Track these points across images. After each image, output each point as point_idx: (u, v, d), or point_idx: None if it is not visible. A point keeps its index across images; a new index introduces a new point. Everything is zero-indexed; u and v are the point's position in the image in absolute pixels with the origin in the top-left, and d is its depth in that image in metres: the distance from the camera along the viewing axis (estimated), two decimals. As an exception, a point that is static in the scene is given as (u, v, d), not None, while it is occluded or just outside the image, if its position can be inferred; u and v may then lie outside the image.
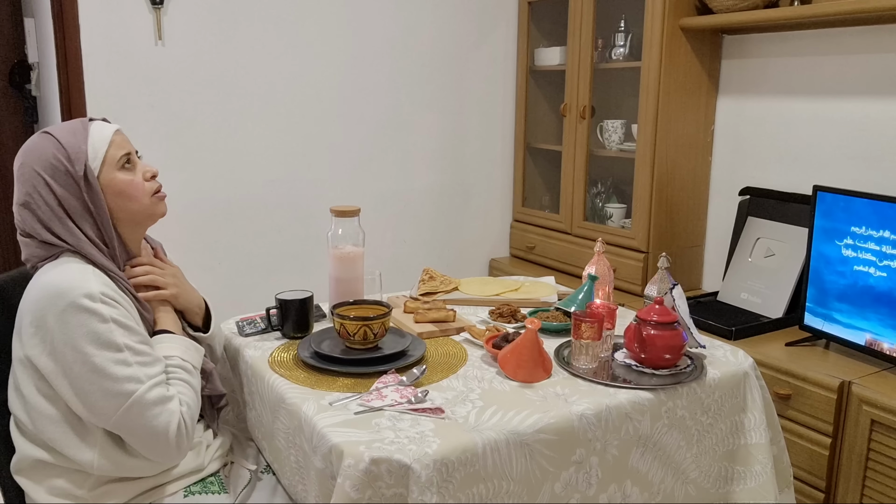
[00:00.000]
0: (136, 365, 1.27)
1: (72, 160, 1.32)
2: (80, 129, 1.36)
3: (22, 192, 1.34)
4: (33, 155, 1.34)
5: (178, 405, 1.32)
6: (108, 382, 1.25)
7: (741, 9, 2.46)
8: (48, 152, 1.33)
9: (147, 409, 1.27)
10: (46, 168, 1.32)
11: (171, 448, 1.30)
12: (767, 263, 2.51)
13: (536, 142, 3.37)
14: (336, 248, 1.79)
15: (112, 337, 1.26)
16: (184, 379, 1.36)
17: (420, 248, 3.31)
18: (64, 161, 1.32)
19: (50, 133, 1.36)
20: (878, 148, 2.34)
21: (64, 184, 1.33)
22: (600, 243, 1.77)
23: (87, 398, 1.26)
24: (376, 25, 3.01)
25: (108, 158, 1.36)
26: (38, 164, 1.32)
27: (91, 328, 1.25)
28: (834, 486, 2.02)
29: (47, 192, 1.32)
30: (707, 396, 1.51)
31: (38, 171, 1.32)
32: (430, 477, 1.17)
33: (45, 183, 1.32)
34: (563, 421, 1.31)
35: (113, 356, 1.26)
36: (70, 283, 1.27)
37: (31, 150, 1.35)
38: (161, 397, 1.29)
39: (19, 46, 3.90)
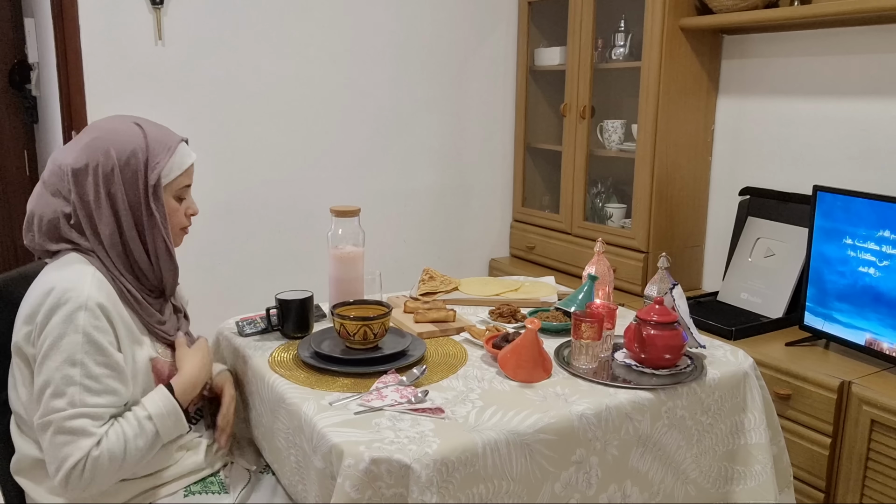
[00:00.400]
0: (77, 387, 1.23)
1: (149, 166, 1.33)
2: (171, 143, 1.37)
3: (82, 158, 1.30)
4: (115, 137, 1.32)
5: (90, 444, 1.23)
6: (49, 389, 1.23)
7: (741, 9, 2.46)
8: (133, 145, 1.32)
9: (59, 433, 1.23)
10: (122, 156, 1.31)
11: (60, 480, 1.23)
12: (767, 263, 2.51)
13: (536, 142, 3.37)
14: (336, 248, 1.79)
15: (72, 349, 1.23)
16: (126, 431, 1.27)
17: (420, 248, 3.31)
18: (142, 162, 1.32)
19: (142, 128, 1.35)
20: (878, 148, 2.34)
21: (128, 180, 1.32)
22: (600, 243, 1.77)
23: (34, 390, 1.26)
24: (376, 25, 3.01)
25: (175, 183, 1.38)
26: (116, 148, 1.31)
27: (60, 332, 1.23)
28: (834, 486, 2.02)
29: (105, 177, 1.30)
30: (707, 396, 1.51)
31: (112, 154, 1.31)
32: (431, 477, 1.17)
33: (111, 168, 1.30)
34: (563, 421, 1.31)
35: (63, 369, 1.23)
36: (66, 283, 1.26)
37: (116, 132, 1.33)
38: (79, 429, 1.23)
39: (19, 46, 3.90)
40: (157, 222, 1.35)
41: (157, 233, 1.36)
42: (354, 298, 1.75)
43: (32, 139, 4.07)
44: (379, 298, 1.82)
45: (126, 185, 1.32)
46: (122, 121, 1.37)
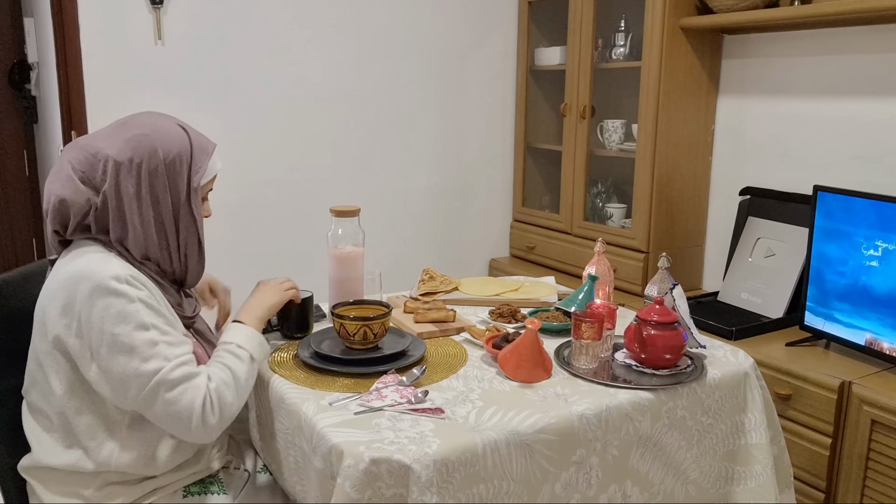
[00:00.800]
0: (162, 344, 1.27)
1: (192, 170, 1.37)
2: (209, 149, 1.42)
3: (126, 151, 1.31)
4: (162, 136, 1.34)
5: (204, 381, 1.30)
6: (135, 361, 1.25)
7: (741, 8, 2.45)
8: (178, 147, 1.35)
9: (170, 389, 1.27)
10: (168, 156, 1.34)
11: (197, 425, 1.29)
12: (768, 263, 2.51)
13: (536, 142, 3.37)
14: (336, 248, 1.78)
15: (139, 317, 1.26)
16: (226, 362, 1.36)
17: (420, 248, 3.30)
18: (187, 165, 1.36)
19: (187, 132, 1.39)
20: (878, 148, 2.34)
21: (171, 181, 1.34)
22: (600, 243, 1.77)
23: (113, 378, 1.26)
24: (376, 25, 3.00)
25: (205, 187, 1.43)
26: (163, 148, 1.33)
27: (118, 309, 1.25)
28: (834, 487, 2.02)
29: (150, 174, 1.32)
30: (707, 397, 1.51)
31: (160, 153, 1.33)
32: (431, 477, 1.17)
33: (156, 166, 1.32)
34: (564, 421, 1.31)
35: (140, 335, 1.26)
36: (95, 267, 1.27)
37: (163, 132, 1.35)
38: (185, 375, 1.28)
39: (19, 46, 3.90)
40: (195, 221, 1.39)
41: (193, 231, 1.39)
42: (354, 298, 1.74)
43: (32, 139, 4.07)
44: (379, 298, 1.81)
45: (170, 185, 1.35)
46: (167, 121, 1.39)
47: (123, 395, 1.27)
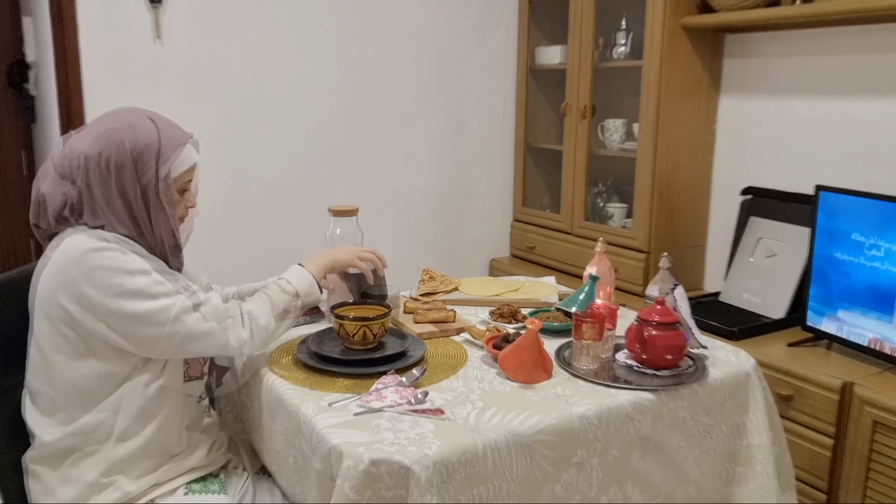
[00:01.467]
0: (168, 283, 1.34)
1: (159, 161, 1.38)
2: (181, 140, 1.42)
3: (96, 146, 1.35)
4: (131, 130, 1.37)
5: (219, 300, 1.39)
6: (146, 303, 1.31)
7: (742, 8, 2.45)
8: (146, 139, 1.37)
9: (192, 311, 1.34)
10: (135, 149, 1.36)
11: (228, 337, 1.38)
12: (769, 263, 2.50)
13: (537, 141, 3.36)
14: (334, 248, 1.77)
15: (137, 264, 1.32)
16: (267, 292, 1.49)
17: (420, 248, 3.30)
18: (154, 157, 1.37)
19: (156, 124, 1.40)
20: (880, 147, 2.33)
21: (140, 172, 1.36)
22: (601, 243, 1.76)
23: (130, 330, 1.31)
24: (376, 24, 3.00)
25: (180, 178, 1.43)
26: (130, 141, 1.36)
27: (114, 262, 1.30)
28: (836, 487, 2.01)
29: (118, 167, 1.35)
30: (709, 397, 1.50)
31: (126, 146, 1.35)
32: (431, 478, 1.16)
33: (123, 160, 1.35)
34: (564, 422, 1.30)
35: (142, 279, 1.31)
36: (81, 238, 1.32)
37: (132, 126, 1.38)
38: (205, 299, 1.37)
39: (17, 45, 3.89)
40: (164, 212, 1.39)
41: (166, 223, 1.40)
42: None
43: (30, 139, 4.06)
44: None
45: (138, 176, 1.36)
46: (137, 114, 1.42)
47: (146, 343, 1.33)
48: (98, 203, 1.36)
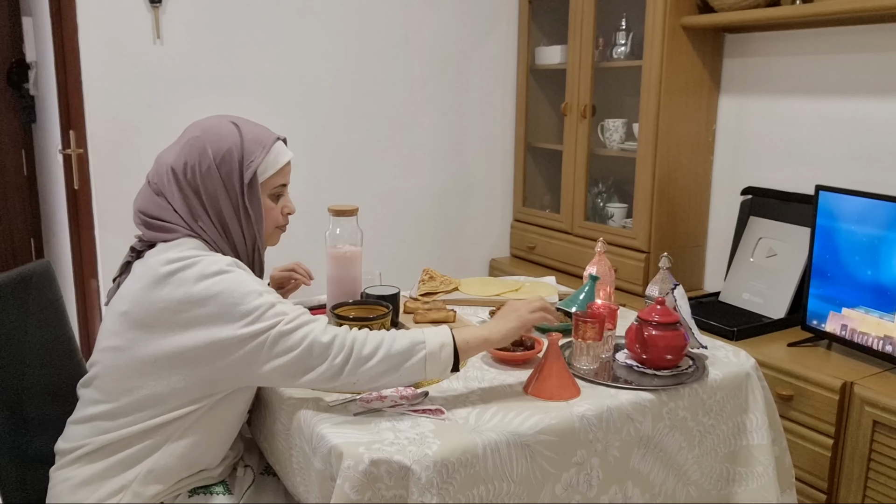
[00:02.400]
0: (280, 304, 1.26)
1: (243, 164, 1.34)
2: (266, 142, 1.38)
3: (181, 157, 1.34)
4: (212, 135, 1.35)
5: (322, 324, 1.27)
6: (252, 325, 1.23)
7: (742, 7, 2.45)
8: (228, 143, 1.34)
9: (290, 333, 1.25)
10: (218, 155, 1.33)
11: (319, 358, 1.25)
12: (769, 263, 2.50)
13: (537, 141, 3.36)
14: (334, 247, 1.77)
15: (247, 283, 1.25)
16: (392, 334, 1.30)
17: (420, 248, 3.30)
18: (237, 160, 1.34)
19: (238, 127, 1.37)
20: (880, 147, 2.33)
21: (225, 178, 1.34)
22: (601, 243, 1.76)
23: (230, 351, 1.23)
24: (376, 24, 3.00)
25: (270, 182, 1.39)
26: (212, 146, 1.33)
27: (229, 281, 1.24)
28: (836, 488, 2.01)
29: (202, 175, 1.33)
30: (709, 397, 1.50)
31: (209, 152, 1.33)
32: (431, 478, 1.16)
33: (207, 166, 1.33)
34: (564, 422, 1.30)
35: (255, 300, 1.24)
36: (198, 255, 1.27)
37: (214, 131, 1.36)
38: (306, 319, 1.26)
39: (17, 45, 3.89)
40: (252, 220, 1.37)
41: (251, 227, 1.38)
42: (353, 298, 1.74)
43: (30, 139, 4.07)
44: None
45: (224, 182, 1.34)
46: (220, 120, 1.39)
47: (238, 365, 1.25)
48: (194, 215, 1.34)
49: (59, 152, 2.65)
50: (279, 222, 1.45)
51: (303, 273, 1.74)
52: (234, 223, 1.36)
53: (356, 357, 1.27)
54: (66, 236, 2.79)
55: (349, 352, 1.27)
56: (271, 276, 1.74)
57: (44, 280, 1.54)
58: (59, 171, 2.84)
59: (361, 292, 1.75)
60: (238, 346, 1.24)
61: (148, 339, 1.26)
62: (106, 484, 1.31)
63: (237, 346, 1.24)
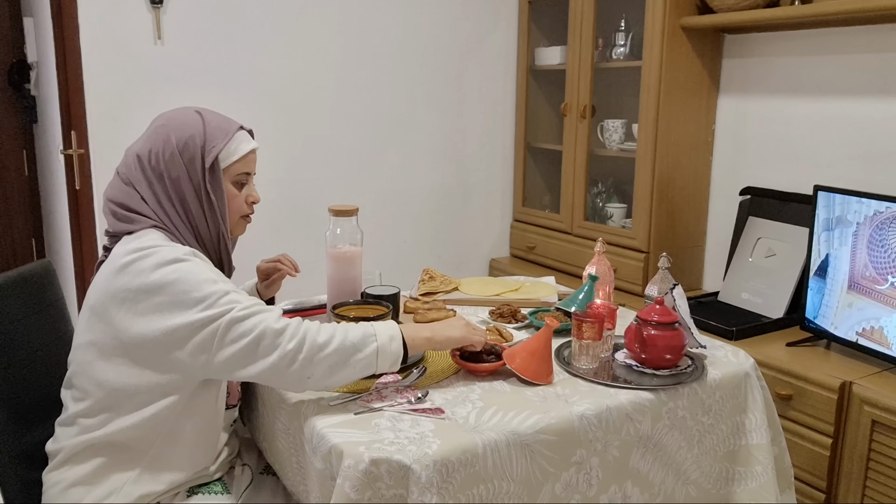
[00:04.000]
0: (234, 293, 1.27)
1: (205, 150, 1.36)
2: (229, 129, 1.40)
3: (147, 145, 1.36)
4: (175, 123, 1.37)
5: (275, 315, 1.27)
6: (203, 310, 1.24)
7: (742, 8, 2.45)
8: (191, 130, 1.37)
9: (242, 320, 1.25)
10: (181, 141, 1.35)
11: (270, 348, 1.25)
12: (768, 263, 2.51)
13: (537, 141, 3.36)
14: (334, 247, 1.78)
15: (202, 271, 1.26)
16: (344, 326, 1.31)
17: (420, 248, 3.30)
18: (199, 146, 1.36)
19: (202, 115, 1.40)
20: (879, 147, 2.33)
21: (188, 163, 1.35)
22: (601, 243, 1.76)
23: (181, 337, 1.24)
24: (376, 24, 3.00)
25: (232, 169, 1.41)
26: (176, 134, 1.36)
27: (180, 266, 1.25)
28: (835, 487, 2.01)
29: (166, 161, 1.35)
30: (708, 397, 1.50)
31: (172, 139, 1.35)
32: (431, 478, 1.16)
33: (170, 153, 1.35)
34: (564, 421, 1.31)
35: (208, 287, 1.25)
36: (157, 245, 1.29)
37: (178, 120, 1.38)
38: (255, 311, 1.26)
39: (18, 46, 3.89)
40: (214, 206, 1.38)
41: (215, 215, 1.39)
42: (353, 298, 1.74)
43: (31, 139, 4.07)
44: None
45: (188, 168, 1.35)
46: (185, 110, 1.42)
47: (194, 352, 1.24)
48: (159, 202, 1.35)
49: (61, 152, 2.65)
50: (244, 211, 1.46)
51: (288, 264, 1.74)
52: (198, 209, 1.37)
53: (310, 345, 1.27)
54: (67, 236, 2.79)
55: (302, 339, 1.27)
56: (257, 268, 1.74)
57: (44, 280, 1.54)
58: (61, 171, 2.84)
59: (361, 292, 1.75)
60: (192, 332, 1.24)
61: (111, 330, 1.28)
62: (98, 485, 1.31)
63: (192, 332, 1.24)
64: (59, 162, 2.90)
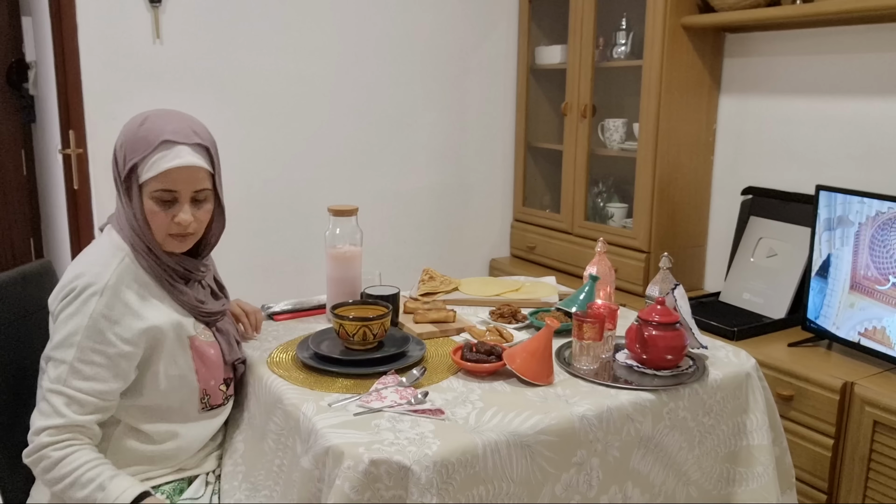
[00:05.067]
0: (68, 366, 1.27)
1: (125, 160, 1.33)
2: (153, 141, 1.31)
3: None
4: (127, 125, 1.36)
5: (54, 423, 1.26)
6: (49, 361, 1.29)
7: (743, 7, 2.44)
8: (125, 135, 1.34)
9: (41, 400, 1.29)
10: (118, 145, 1.35)
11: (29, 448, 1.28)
12: (770, 263, 2.50)
13: (537, 141, 3.35)
14: (334, 247, 1.77)
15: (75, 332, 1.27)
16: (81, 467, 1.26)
17: (420, 248, 3.29)
18: (123, 155, 1.33)
19: (144, 120, 1.34)
20: (880, 147, 2.33)
21: (118, 169, 1.35)
22: (601, 243, 1.76)
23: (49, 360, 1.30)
24: (376, 24, 2.99)
25: (148, 185, 1.32)
26: (121, 136, 1.35)
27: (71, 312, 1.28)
28: (836, 488, 2.01)
29: (114, 162, 1.37)
30: (709, 397, 1.50)
31: (118, 141, 1.35)
32: (430, 478, 1.16)
33: (114, 155, 1.36)
34: (564, 422, 1.30)
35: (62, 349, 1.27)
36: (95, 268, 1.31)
37: (130, 121, 1.36)
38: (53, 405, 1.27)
39: (17, 45, 3.89)
40: (134, 217, 1.34)
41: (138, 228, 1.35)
42: (352, 298, 1.74)
43: (30, 138, 4.06)
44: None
45: (118, 173, 1.35)
46: (145, 112, 1.37)
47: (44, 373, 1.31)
48: (117, 197, 1.39)
49: (59, 152, 2.64)
50: (170, 230, 1.34)
51: (248, 324, 1.67)
52: (129, 216, 1.35)
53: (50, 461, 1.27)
54: (66, 236, 2.79)
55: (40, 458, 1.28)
56: (230, 309, 1.65)
57: (44, 280, 1.54)
58: (59, 171, 2.83)
59: (361, 292, 1.75)
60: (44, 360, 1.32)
61: None
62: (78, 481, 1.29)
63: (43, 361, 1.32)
64: (57, 162, 2.89)
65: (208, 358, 1.43)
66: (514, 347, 1.48)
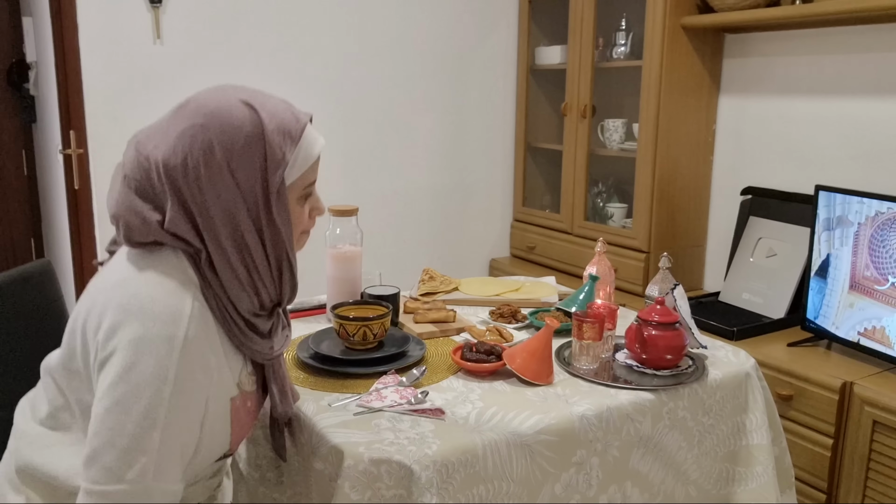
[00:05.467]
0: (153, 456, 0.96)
1: (269, 168, 1.02)
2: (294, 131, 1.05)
3: (177, 153, 1.00)
4: (223, 123, 1.01)
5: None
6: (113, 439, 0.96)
7: (742, 7, 2.45)
8: (244, 136, 1.01)
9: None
10: (232, 153, 1.00)
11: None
12: (769, 263, 2.50)
13: (537, 141, 3.36)
14: (334, 247, 1.78)
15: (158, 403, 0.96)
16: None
17: (420, 248, 3.30)
18: (259, 162, 1.02)
19: (256, 111, 1.03)
20: (880, 147, 2.33)
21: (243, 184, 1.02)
22: (601, 243, 1.76)
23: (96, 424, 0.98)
24: (376, 24, 3.00)
25: (299, 183, 1.09)
26: (223, 141, 1.00)
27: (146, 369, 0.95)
28: (836, 487, 2.01)
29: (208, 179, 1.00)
30: (708, 397, 1.50)
31: (216, 150, 1.00)
32: (430, 478, 1.16)
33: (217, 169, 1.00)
34: (564, 422, 1.30)
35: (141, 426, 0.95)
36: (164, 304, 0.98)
37: (223, 118, 1.01)
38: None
39: (17, 45, 3.89)
40: (279, 232, 1.06)
41: (279, 242, 1.07)
42: (353, 298, 1.74)
43: (30, 139, 4.06)
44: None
45: (242, 191, 1.02)
46: (228, 100, 1.03)
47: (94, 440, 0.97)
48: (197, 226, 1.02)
49: (60, 152, 2.64)
50: (306, 227, 1.17)
51: None
52: (255, 242, 1.04)
53: None
54: (66, 236, 2.79)
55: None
56: None
57: (44, 280, 1.54)
58: (60, 171, 2.84)
59: (361, 292, 1.75)
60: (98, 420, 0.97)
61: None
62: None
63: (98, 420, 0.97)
64: (58, 162, 2.90)
65: (245, 412, 1.14)
66: (514, 347, 1.48)
